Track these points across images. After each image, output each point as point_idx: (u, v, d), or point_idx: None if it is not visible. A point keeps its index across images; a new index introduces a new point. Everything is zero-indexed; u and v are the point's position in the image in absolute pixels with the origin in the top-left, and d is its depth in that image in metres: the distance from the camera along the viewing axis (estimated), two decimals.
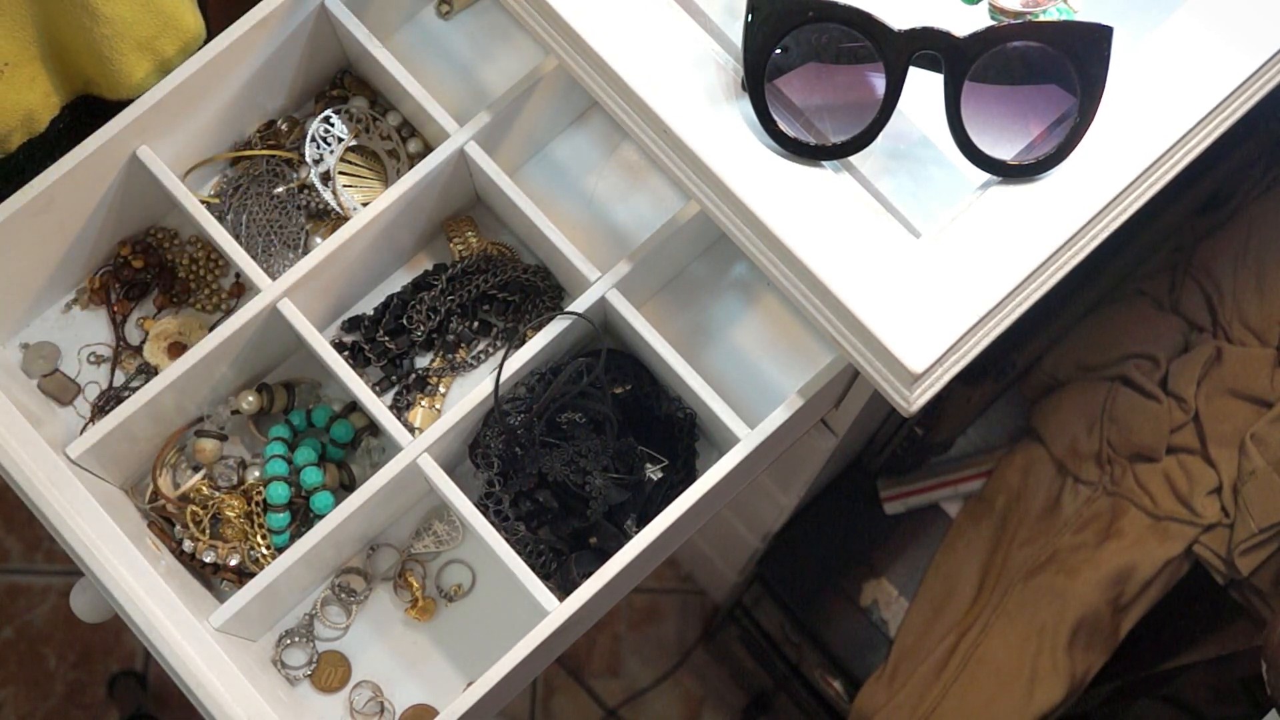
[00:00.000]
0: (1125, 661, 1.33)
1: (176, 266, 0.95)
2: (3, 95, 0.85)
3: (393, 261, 0.95)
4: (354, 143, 0.95)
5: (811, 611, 1.44)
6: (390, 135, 0.95)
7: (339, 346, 0.93)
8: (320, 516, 0.86)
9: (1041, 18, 0.77)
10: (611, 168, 0.96)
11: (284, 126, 0.96)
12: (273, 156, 0.95)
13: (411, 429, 0.91)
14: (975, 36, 0.70)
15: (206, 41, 0.89)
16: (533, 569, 0.83)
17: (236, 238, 0.92)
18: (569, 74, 0.79)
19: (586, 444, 0.86)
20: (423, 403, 0.92)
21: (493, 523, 0.84)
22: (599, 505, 0.85)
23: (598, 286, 0.86)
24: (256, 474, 0.90)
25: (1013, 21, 0.77)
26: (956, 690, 1.31)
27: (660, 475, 0.88)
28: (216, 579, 0.90)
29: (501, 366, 0.85)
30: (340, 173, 0.95)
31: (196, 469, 0.92)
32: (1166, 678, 1.37)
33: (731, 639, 1.72)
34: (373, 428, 0.92)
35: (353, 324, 0.94)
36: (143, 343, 0.93)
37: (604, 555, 0.83)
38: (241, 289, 0.95)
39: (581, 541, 0.87)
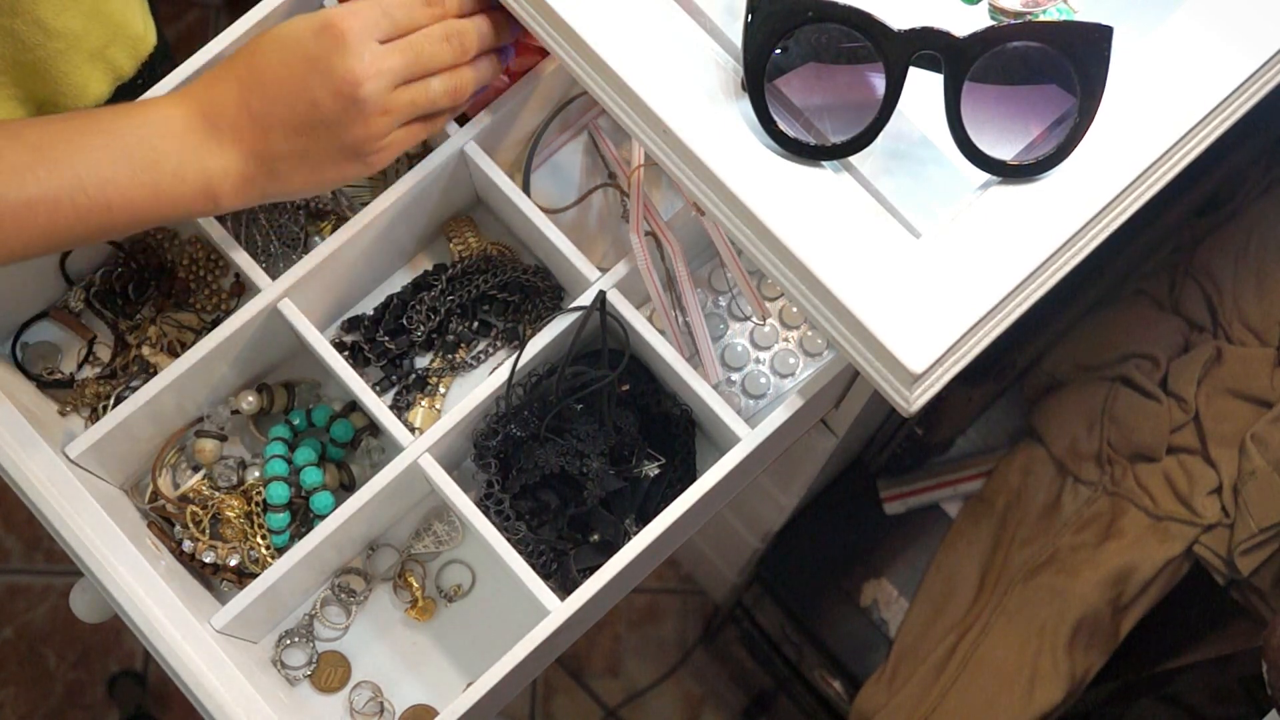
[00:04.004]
0: (1125, 661, 1.33)
1: (176, 266, 0.95)
2: None
3: (393, 261, 0.95)
4: None
5: (811, 611, 1.44)
6: None
7: (339, 346, 0.93)
8: (320, 516, 0.86)
9: (1041, 18, 0.77)
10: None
11: None
12: None
13: (412, 429, 0.91)
14: (975, 36, 0.70)
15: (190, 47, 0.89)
16: (533, 568, 0.83)
17: (236, 238, 0.92)
18: (569, 74, 0.79)
19: (584, 428, 0.86)
20: (423, 403, 0.92)
21: (493, 522, 0.84)
22: (595, 488, 0.85)
23: (597, 286, 0.86)
24: (256, 474, 0.90)
25: (1013, 21, 0.77)
26: (956, 690, 1.31)
27: (658, 473, 0.88)
28: (216, 579, 0.90)
29: (514, 371, 0.85)
30: None
31: (196, 469, 0.92)
32: (1166, 678, 1.37)
33: (731, 639, 1.72)
34: (373, 428, 0.92)
35: (353, 324, 0.94)
36: (143, 343, 0.93)
37: (604, 551, 0.84)
38: (241, 289, 0.95)
39: (581, 536, 0.87)
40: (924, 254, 0.72)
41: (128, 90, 0.93)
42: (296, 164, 0.77)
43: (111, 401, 0.91)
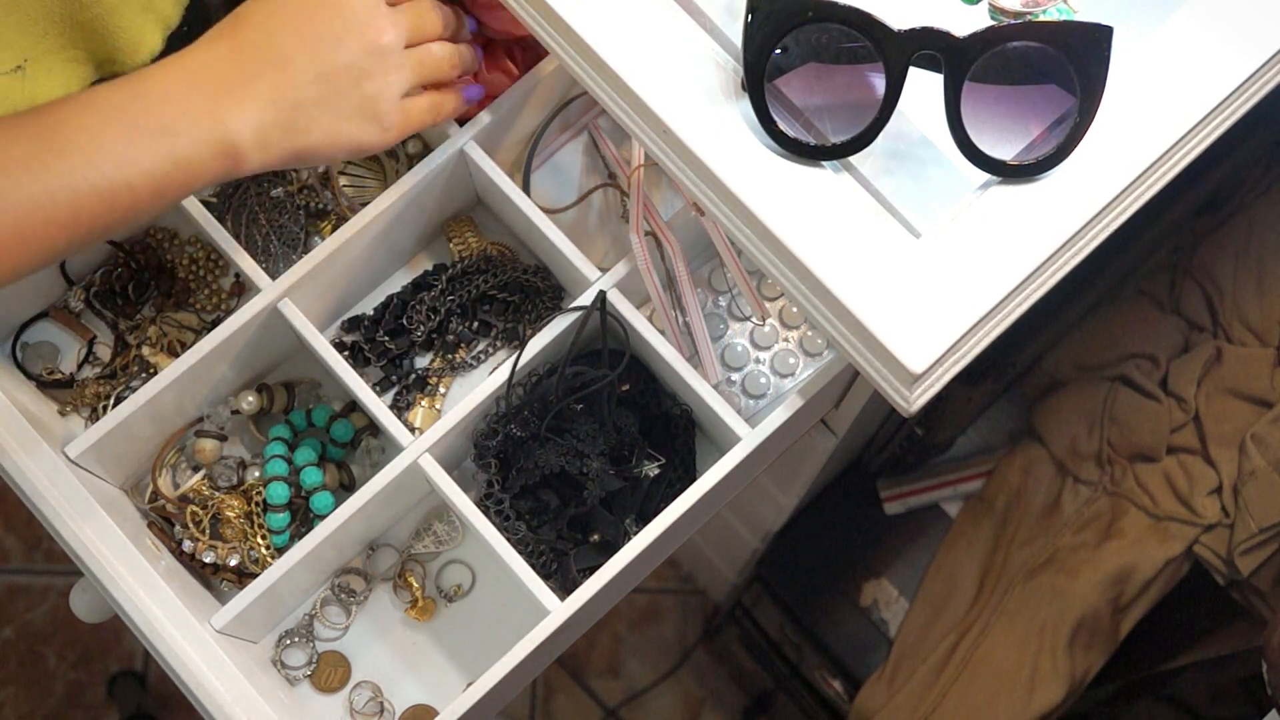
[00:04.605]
0: (1125, 661, 1.33)
1: (176, 267, 0.95)
2: (30, 93, 0.85)
3: (393, 261, 0.95)
4: None
5: (811, 611, 1.44)
6: None
7: (339, 346, 0.93)
8: (320, 517, 0.86)
9: (1041, 18, 0.77)
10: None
11: None
12: None
13: (412, 429, 0.91)
14: (975, 36, 0.70)
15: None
16: (533, 568, 0.83)
17: (236, 238, 0.92)
18: (569, 74, 0.79)
19: (584, 428, 0.86)
20: (423, 403, 0.92)
21: (493, 522, 0.84)
22: (595, 489, 0.85)
23: (597, 286, 0.86)
24: (256, 474, 0.90)
25: (1013, 21, 0.77)
26: (956, 690, 1.31)
27: (658, 472, 0.88)
28: (216, 579, 0.90)
29: (514, 371, 0.85)
30: (340, 173, 0.95)
31: (196, 469, 0.92)
32: (1166, 678, 1.37)
33: (731, 639, 1.72)
34: (373, 428, 0.92)
35: (353, 324, 0.94)
36: (143, 343, 0.93)
37: (604, 551, 0.84)
38: (241, 289, 0.95)
39: (581, 536, 0.87)
40: (924, 254, 0.72)
41: (177, 39, 0.92)
42: (317, 114, 0.75)
43: (111, 401, 0.91)
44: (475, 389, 0.85)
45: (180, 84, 0.72)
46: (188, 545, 0.88)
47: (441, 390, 0.93)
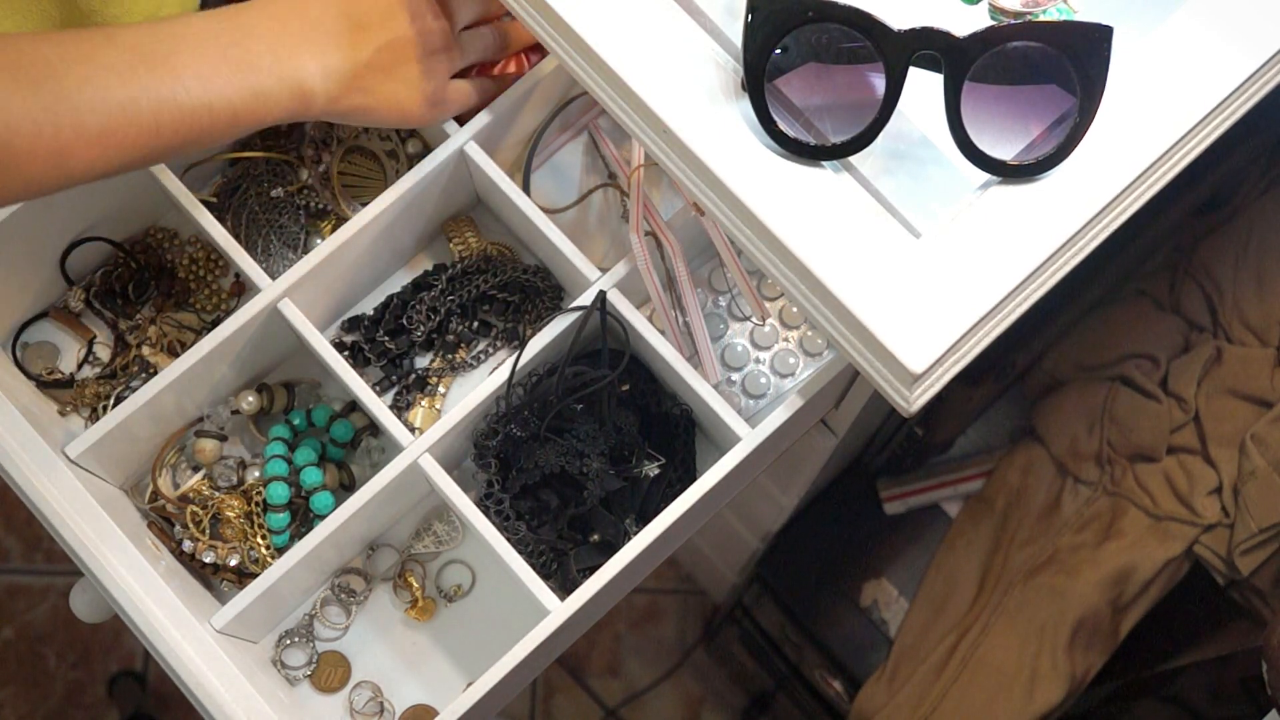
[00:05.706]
0: (1125, 661, 1.33)
1: (176, 266, 0.95)
2: None
3: (393, 261, 0.95)
4: (353, 143, 0.95)
5: (811, 611, 1.44)
6: (389, 136, 0.95)
7: (339, 346, 0.93)
8: (320, 517, 0.86)
9: (1041, 18, 0.77)
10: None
11: (283, 126, 0.96)
12: (272, 157, 0.95)
13: (412, 429, 0.91)
14: (975, 36, 0.70)
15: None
16: (533, 568, 0.83)
17: (236, 238, 0.92)
18: (569, 74, 0.79)
19: (584, 428, 0.86)
20: (423, 403, 0.92)
21: (493, 522, 0.84)
22: (595, 489, 0.85)
23: (597, 286, 0.86)
24: (256, 474, 0.90)
25: (1013, 21, 0.77)
26: (956, 690, 1.31)
27: (658, 472, 0.88)
28: (216, 579, 0.90)
29: (514, 371, 0.85)
30: (340, 173, 0.95)
31: (196, 469, 0.92)
32: (1166, 678, 1.37)
33: (731, 639, 1.72)
34: (373, 428, 0.92)
35: (353, 324, 0.94)
36: (142, 343, 0.93)
37: (604, 551, 0.84)
38: (241, 289, 0.95)
39: (581, 536, 0.87)
40: (924, 254, 0.72)
41: None
42: (381, 79, 0.80)
43: (111, 401, 0.91)
44: (475, 389, 0.85)
45: (272, 25, 0.77)
46: (188, 545, 0.88)
47: (441, 390, 0.93)
